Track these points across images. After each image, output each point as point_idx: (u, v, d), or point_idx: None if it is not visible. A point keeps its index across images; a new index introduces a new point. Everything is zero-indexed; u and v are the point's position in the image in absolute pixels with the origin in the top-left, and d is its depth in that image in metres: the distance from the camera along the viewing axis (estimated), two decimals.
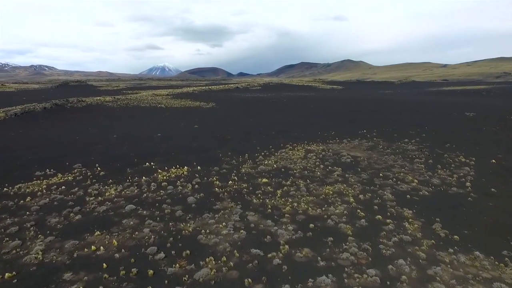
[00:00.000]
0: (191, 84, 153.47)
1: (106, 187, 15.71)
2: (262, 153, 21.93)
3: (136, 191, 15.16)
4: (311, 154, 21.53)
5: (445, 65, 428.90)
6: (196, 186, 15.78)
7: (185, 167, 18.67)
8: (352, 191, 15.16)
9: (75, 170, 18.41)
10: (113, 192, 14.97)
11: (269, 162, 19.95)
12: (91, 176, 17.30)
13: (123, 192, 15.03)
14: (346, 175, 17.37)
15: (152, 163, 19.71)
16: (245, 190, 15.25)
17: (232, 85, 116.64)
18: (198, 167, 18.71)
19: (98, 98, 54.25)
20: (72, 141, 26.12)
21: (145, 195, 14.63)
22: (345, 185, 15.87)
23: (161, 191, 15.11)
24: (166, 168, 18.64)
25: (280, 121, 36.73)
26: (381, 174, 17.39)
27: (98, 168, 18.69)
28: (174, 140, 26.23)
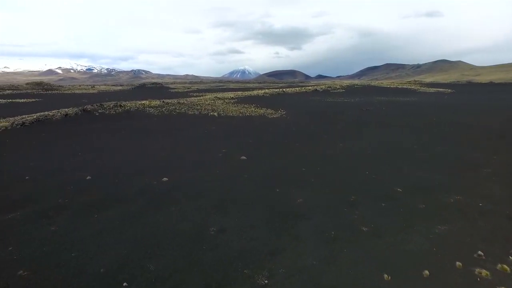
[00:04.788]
0: (265, 86, 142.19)
1: None
2: None
3: None
4: None
5: None
6: None
7: None
8: None
9: None
10: None
11: None
12: None
13: None
14: None
15: None
16: None
17: (310, 87, 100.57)
18: None
19: (143, 102, 44.34)
20: (19, 179, 14.19)
21: None
22: None
23: None
24: None
25: (401, 150, 20.05)
26: None
27: None
28: (181, 204, 12.12)
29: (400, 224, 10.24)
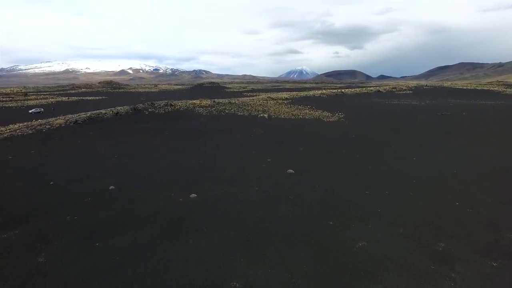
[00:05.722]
0: (322, 87, 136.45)
1: None
2: None
3: None
4: None
5: None
6: None
7: None
8: None
9: None
10: None
11: None
12: None
13: None
14: None
15: None
16: None
17: (371, 88, 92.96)
18: None
19: (194, 101, 43.53)
20: (43, 184, 13.02)
21: None
22: None
23: None
24: None
25: (504, 172, 15.23)
26: None
27: None
28: (202, 237, 9.49)
29: None
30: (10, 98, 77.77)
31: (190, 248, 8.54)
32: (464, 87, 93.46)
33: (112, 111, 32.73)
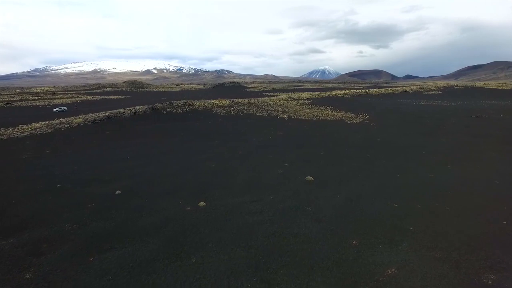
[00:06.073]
0: (345, 87, 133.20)
1: None
2: None
3: None
4: None
5: None
6: None
7: None
8: None
9: None
10: None
11: None
12: None
13: None
14: None
15: None
16: None
17: (397, 88, 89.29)
18: None
19: (212, 101, 42.87)
20: (50, 187, 12.53)
21: None
22: None
23: None
24: None
25: None
26: None
27: None
28: (207, 257, 8.47)
29: None
30: (39, 97, 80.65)
31: (192, 268, 7.53)
32: (499, 87, 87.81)
33: (131, 111, 32.60)
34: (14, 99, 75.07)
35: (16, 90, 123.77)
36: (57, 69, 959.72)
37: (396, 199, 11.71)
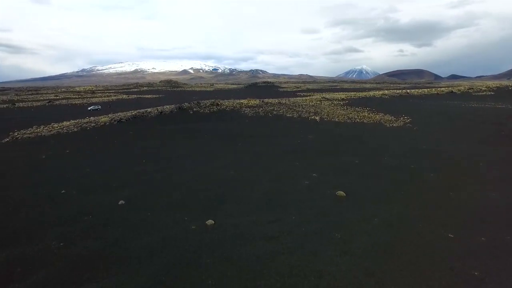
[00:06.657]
0: (384, 87, 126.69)
1: None
2: None
3: None
4: None
5: None
6: None
7: None
8: None
9: None
10: None
11: None
12: None
13: None
14: None
15: None
16: None
17: (442, 88, 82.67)
18: None
19: (241, 101, 41.36)
20: (53, 194, 11.60)
21: None
22: None
23: None
24: None
25: None
26: None
27: None
28: None
29: None
30: (79, 96, 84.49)
31: None
32: None
33: (157, 110, 32.02)
34: (57, 97, 79.14)
35: (62, 89, 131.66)
36: (101, 69, 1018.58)
37: (451, 227, 9.26)
